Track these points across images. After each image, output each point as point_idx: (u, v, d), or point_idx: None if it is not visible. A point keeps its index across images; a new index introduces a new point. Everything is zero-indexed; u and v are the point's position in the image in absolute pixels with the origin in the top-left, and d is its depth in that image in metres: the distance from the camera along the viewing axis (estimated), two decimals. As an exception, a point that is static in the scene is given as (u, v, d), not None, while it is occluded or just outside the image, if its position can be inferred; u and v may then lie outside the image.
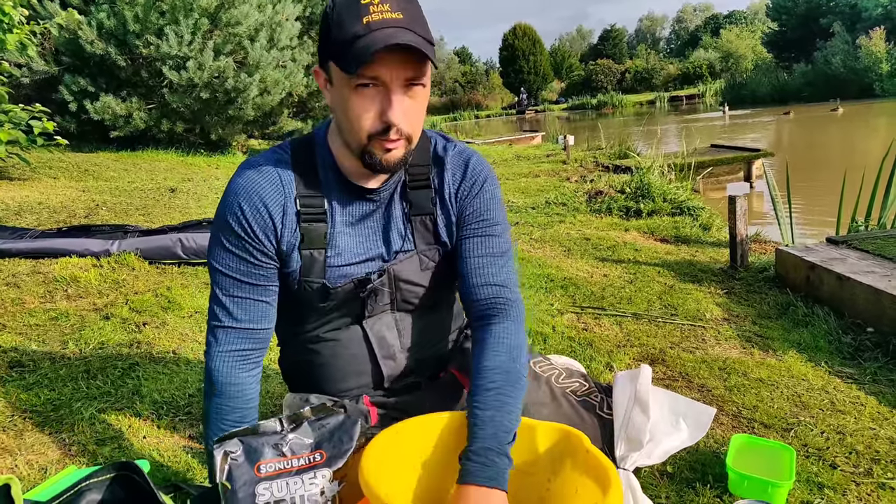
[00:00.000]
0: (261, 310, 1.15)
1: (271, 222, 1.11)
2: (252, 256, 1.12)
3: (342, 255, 1.16)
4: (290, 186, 1.12)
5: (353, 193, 1.15)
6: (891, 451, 1.49)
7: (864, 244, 2.61)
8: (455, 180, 1.20)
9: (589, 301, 2.62)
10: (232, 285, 1.13)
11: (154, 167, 6.20)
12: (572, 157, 7.35)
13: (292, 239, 1.13)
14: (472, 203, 1.20)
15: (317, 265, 1.14)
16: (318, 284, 1.15)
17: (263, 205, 1.10)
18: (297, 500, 0.96)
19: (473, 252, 1.18)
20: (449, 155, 1.21)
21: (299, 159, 1.14)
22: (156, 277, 2.92)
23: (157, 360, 2.08)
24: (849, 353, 2.03)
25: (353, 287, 1.16)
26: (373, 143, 1.03)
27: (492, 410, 1.00)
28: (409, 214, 1.19)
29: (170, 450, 1.57)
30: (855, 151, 9.69)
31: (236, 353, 1.15)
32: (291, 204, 1.12)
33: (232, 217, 1.10)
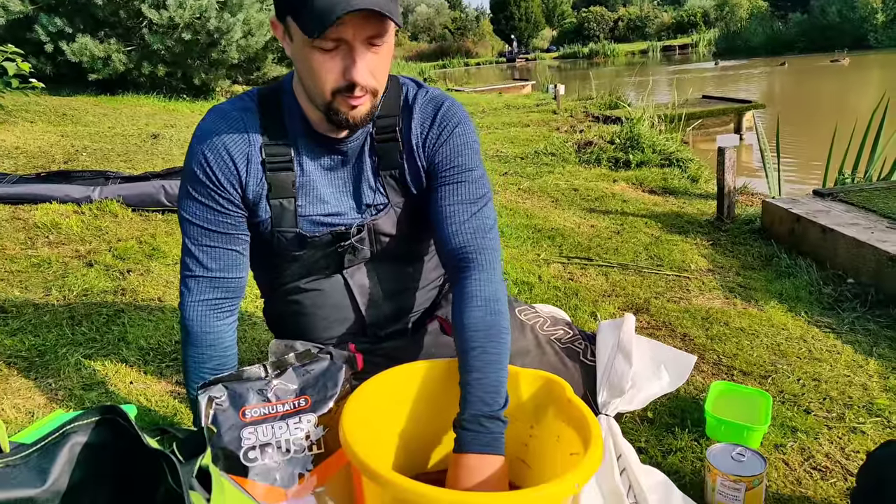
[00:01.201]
0: (231, 259, 1.14)
1: (235, 170, 1.09)
2: (218, 205, 1.10)
3: (314, 205, 1.14)
4: (255, 135, 1.10)
5: (322, 144, 1.13)
6: (863, 397, 1.53)
7: (850, 197, 2.62)
8: (423, 129, 1.16)
9: (576, 251, 2.63)
10: (201, 234, 1.12)
11: (135, 112, 6.05)
12: (562, 106, 7.27)
13: (258, 188, 1.11)
14: (442, 150, 1.15)
15: (287, 214, 1.13)
16: (293, 234, 1.14)
17: (227, 153, 1.08)
18: (282, 443, 0.97)
19: (444, 200, 1.14)
20: (418, 102, 1.16)
21: (266, 107, 1.12)
22: (139, 225, 2.89)
23: (143, 308, 2.07)
24: (828, 303, 2.06)
25: (331, 239, 1.15)
26: (337, 99, 1.00)
27: (476, 372, 0.98)
28: (378, 169, 1.16)
29: (157, 395, 1.58)
30: (847, 104, 9.65)
31: (209, 303, 1.15)
32: (256, 152, 1.10)
33: (196, 165, 1.09)
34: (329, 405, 1.02)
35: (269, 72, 8.77)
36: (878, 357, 1.71)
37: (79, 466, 0.74)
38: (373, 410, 1.03)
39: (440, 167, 1.15)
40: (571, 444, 0.98)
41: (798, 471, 1.29)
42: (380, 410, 1.05)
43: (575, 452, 0.96)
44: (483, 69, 30.39)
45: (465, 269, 1.10)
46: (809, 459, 1.32)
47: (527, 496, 0.82)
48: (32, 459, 0.75)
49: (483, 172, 1.18)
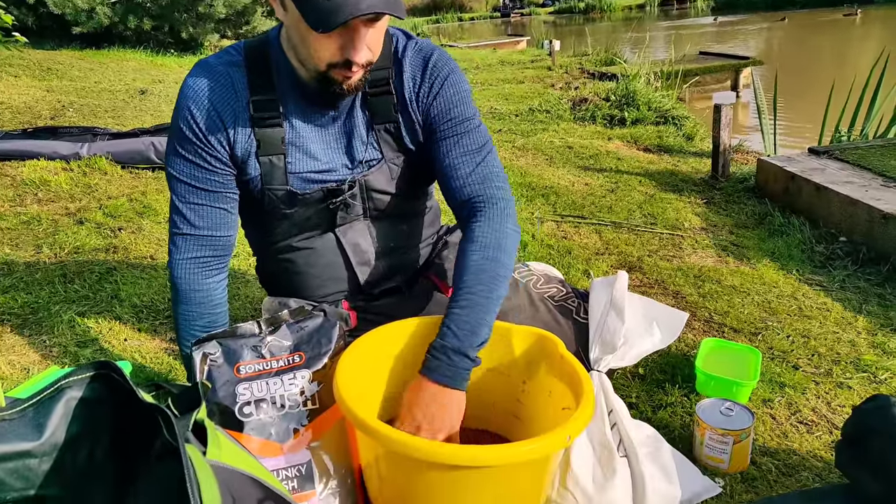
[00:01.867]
0: (219, 216, 1.13)
1: (222, 126, 1.07)
2: (205, 162, 1.09)
3: (304, 162, 1.13)
4: (242, 90, 1.08)
5: (310, 99, 1.10)
6: (851, 353, 1.55)
7: (846, 154, 2.61)
8: (415, 82, 1.14)
9: (570, 210, 2.62)
10: (188, 192, 1.11)
11: (122, 67, 5.92)
12: (558, 63, 7.15)
13: (247, 145, 1.09)
14: (437, 103, 1.13)
15: (277, 171, 1.11)
16: (283, 191, 1.12)
17: (214, 109, 1.06)
18: (276, 399, 0.98)
19: (448, 154, 1.13)
20: (407, 55, 1.14)
21: (253, 62, 1.09)
22: (129, 182, 2.85)
23: (135, 266, 2.06)
24: (820, 261, 2.07)
25: (322, 195, 1.14)
26: (332, 71, 0.99)
27: (458, 309, 0.98)
28: (371, 123, 1.15)
29: (151, 352, 1.59)
30: (848, 60, 9.53)
31: (198, 260, 1.14)
32: (244, 108, 1.08)
33: (183, 122, 1.07)
34: (323, 361, 1.03)
35: (258, 26, 8.56)
36: (867, 314, 1.73)
37: (75, 421, 0.75)
38: (367, 366, 1.04)
39: (437, 121, 1.14)
40: (563, 399, 0.99)
41: (785, 424, 1.31)
42: (374, 366, 1.06)
43: (567, 407, 0.97)
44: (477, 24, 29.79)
45: (472, 217, 1.09)
46: (796, 414, 1.35)
47: (519, 449, 0.83)
48: (28, 414, 0.75)
49: (480, 121, 1.18)
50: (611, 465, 1.06)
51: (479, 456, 0.81)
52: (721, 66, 7.33)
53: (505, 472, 0.85)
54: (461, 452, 0.81)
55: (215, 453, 0.66)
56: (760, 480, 1.17)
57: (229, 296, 1.87)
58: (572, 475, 1.04)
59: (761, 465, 1.20)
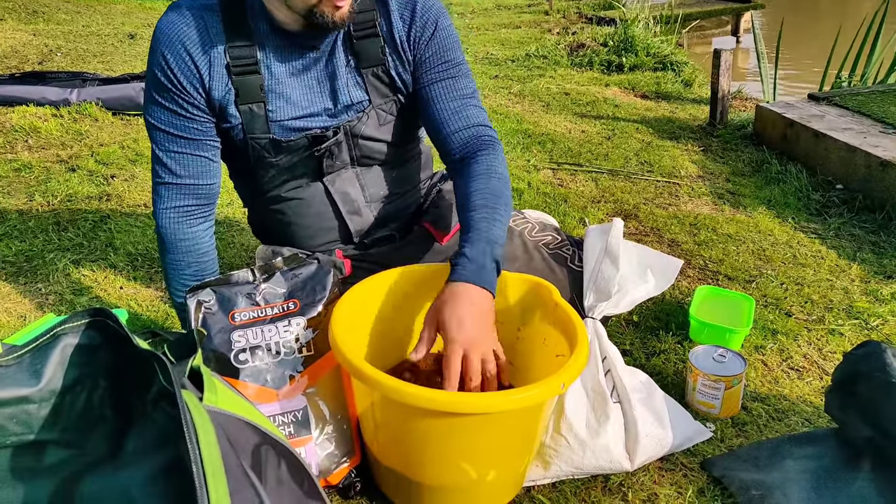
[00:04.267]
0: (200, 164, 1.12)
1: (197, 72, 1.04)
2: (182, 109, 1.06)
3: (285, 109, 1.10)
4: (217, 35, 1.04)
5: (289, 44, 1.07)
6: (844, 300, 1.56)
7: (846, 101, 2.57)
8: (404, 23, 1.11)
9: (566, 157, 2.60)
10: (167, 140, 1.09)
11: (110, 10, 5.74)
12: (555, 7, 6.95)
13: (225, 93, 1.07)
14: (430, 46, 1.12)
15: (258, 120, 1.09)
16: (266, 139, 1.10)
17: (188, 53, 1.03)
18: (272, 346, 0.99)
19: (445, 96, 1.13)
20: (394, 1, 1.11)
21: (228, 7, 1.05)
22: (121, 129, 2.80)
23: (129, 214, 2.05)
24: (816, 209, 2.07)
25: (307, 143, 1.12)
26: (323, 2, 0.96)
27: (485, 223, 1.00)
28: (358, 67, 1.12)
29: (147, 300, 1.59)
30: (849, 3, 9.30)
31: (181, 209, 1.14)
32: (220, 55, 1.05)
33: (157, 68, 1.04)
34: (318, 308, 1.03)
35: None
36: (861, 262, 1.74)
37: (72, 367, 0.75)
38: (361, 313, 1.04)
39: (430, 63, 1.13)
40: (558, 346, 1.00)
41: (776, 371, 1.33)
42: (368, 313, 1.07)
43: (561, 354, 0.98)
44: (474, -35, 28.88)
45: (479, 151, 1.11)
46: (787, 360, 1.37)
47: (513, 396, 0.84)
48: (25, 360, 0.75)
49: (468, 65, 1.18)
50: (604, 411, 1.08)
51: (473, 403, 0.82)
52: (722, 9, 7.14)
53: (499, 418, 0.86)
54: (455, 399, 0.82)
55: (212, 399, 0.67)
56: (751, 425, 1.19)
57: (224, 244, 1.87)
58: (566, 420, 1.05)
59: (752, 410, 1.23)
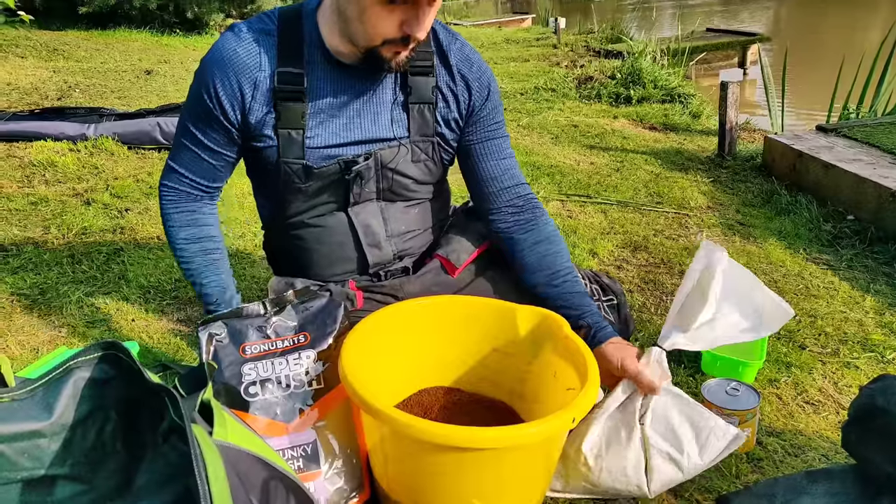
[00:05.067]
0: (207, 169, 1.19)
1: (240, 95, 1.09)
2: (213, 120, 1.12)
3: (323, 137, 1.13)
4: (269, 60, 1.08)
5: (339, 73, 1.11)
6: (858, 332, 1.55)
7: (854, 132, 2.58)
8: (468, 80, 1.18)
9: (575, 189, 2.61)
10: (189, 137, 1.15)
11: (127, 48, 5.89)
12: (563, 41, 7.06)
13: (264, 116, 1.10)
14: (485, 107, 1.21)
15: (295, 146, 1.11)
16: (299, 165, 1.13)
17: (235, 76, 1.08)
18: (282, 379, 0.99)
19: (496, 155, 1.23)
20: (454, 51, 1.18)
21: (286, 32, 1.09)
22: (135, 163, 2.85)
23: (142, 246, 2.07)
24: (827, 240, 2.06)
25: (338, 169, 1.14)
26: (385, 46, 1.01)
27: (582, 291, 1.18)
28: (406, 102, 1.15)
29: (158, 333, 1.60)
30: (856, 37, 9.37)
31: (180, 192, 1.20)
32: (267, 79, 1.08)
33: (203, 83, 1.10)
34: (328, 341, 1.03)
35: (263, 4, 8.49)
36: (875, 293, 1.72)
37: (83, 401, 0.76)
38: (372, 346, 1.04)
39: (483, 123, 1.22)
40: (568, 380, 0.99)
41: (791, 405, 1.31)
42: (379, 346, 1.07)
43: (571, 388, 0.97)
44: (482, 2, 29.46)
45: (534, 212, 1.24)
46: (803, 394, 1.35)
47: (523, 431, 0.83)
48: (38, 394, 0.76)
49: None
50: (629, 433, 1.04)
51: (483, 438, 0.81)
52: (728, 42, 7.21)
53: (510, 453, 0.85)
54: (466, 434, 0.82)
55: (221, 433, 0.67)
56: (767, 461, 1.17)
57: (235, 276, 1.88)
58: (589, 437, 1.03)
59: (767, 445, 1.21)
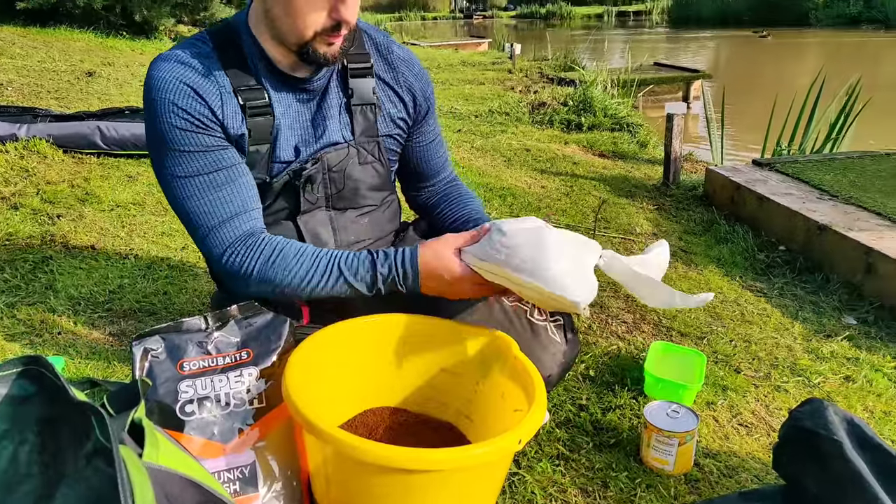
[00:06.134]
0: (246, 191, 1.05)
1: (210, 111, 1.02)
2: (213, 141, 1.02)
3: (283, 149, 1.11)
4: (222, 79, 1.04)
5: (287, 84, 1.09)
6: (788, 357, 1.60)
7: (786, 168, 2.70)
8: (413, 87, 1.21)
9: (525, 212, 2.64)
10: (203, 186, 1.02)
11: (68, 47, 5.67)
12: (518, 66, 7.20)
13: (240, 133, 1.06)
14: (429, 112, 1.26)
15: (261, 160, 1.09)
16: (261, 181, 1.10)
17: (197, 94, 1.01)
18: (221, 397, 0.95)
19: (436, 154, 1.32)
20: (395, 52, 1.19)
21: (225, 51, 1.05)
22: (71, 167, 2.73)
23: (74, 255, 1.97)
24: (761, 269, 2.14)
25: (288, 179, 1.12)
26: (317, 39, 0.99)
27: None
28: (349, 104, 1.15)
29: (88, 347, 1.52)
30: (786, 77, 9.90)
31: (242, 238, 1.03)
32: (231, 96, 1.04)
33: (168, 118, 0.99)
34: (272, 359, 1.00)
35: (216, 12, 8.33)
36: (803, 321, 1.80)
37: (0, 419, 0.70)
38: (317, 364, 1.01)
39: (427, 125, 1.27)
40: (516, 401, 0.99)
41: (726, 427, 1.35)
42: (324, 365, 1.04)
43: (519, 409, 0.97)
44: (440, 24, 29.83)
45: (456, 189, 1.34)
46: (737, 416, 1.38)
47: (470, 452, 0.82)
48: (-51, 411, 0.70)
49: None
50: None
51: (429, 459, 0.79)
52: (673, 77, 7.51)
53: (455, 474, 0.84)
54: (412, 456, 0.80)
55: (152, 455, 0.63)
56: (703, 482, 1.19)
57: (175, 289, 1.82)
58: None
59: (704, 466, 1.23)
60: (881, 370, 1.56)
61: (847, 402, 1.43)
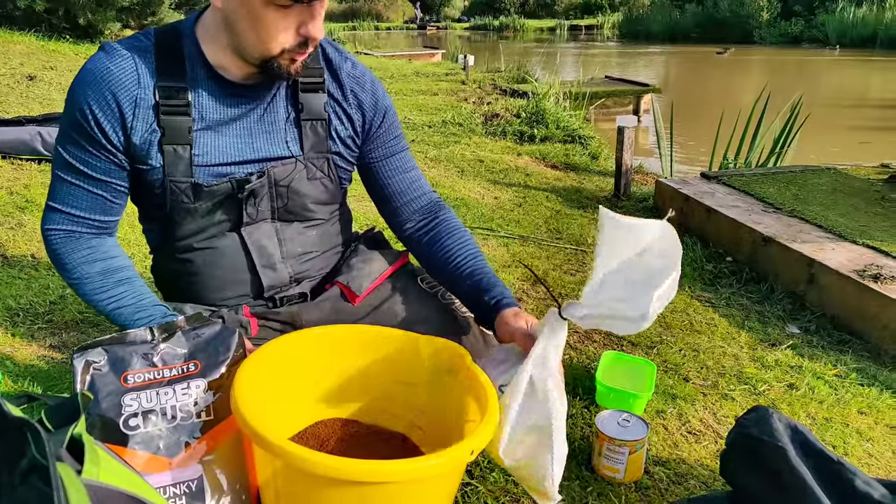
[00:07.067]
0: (95, 202, 1.10)
1: (119, 115, 1.03)
2: (94, 148, 1.05)
3: (212, 154, 1.09)
4: (147, 76, 1.04)
5: (226, 90, 1.08)
6: (735, 366, 1.65)
7: (732, 180, 2.80)
8: (362, 103, 1.19)
9: (479, 222, 2.65)
10: (69, 172, 1.07)
11: (7, 50, 5.46)
12: (471, 77, 7.27)
13: (148, 134, 1.05)
14: (382, 125, 1.23)
15: (182, 163, 1.07)
16: (186, 184, 1.08)
17: (112, 95, 1.02)
18: (167, 410, 0.92)
19: (400, 169, 1.27)
20: (344, 71, 1.18)
21: (164, 48, 1.05)
22: (10, 173, 2.63)
23: (13, 264, 1.89)
24: (709, 279, 2.20)
25: (230, 188, 1.10)
26: (284, 55, 1.00)
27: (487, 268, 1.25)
28: (298, 119, 1.14)
29: (27, 360, 1.45)
30: (733, 93, 10.28)
31: (71, 233, 1.11)
32: (149, 95, 1.04)
33: (78, 107, 1.03)
34: (220, 371, 0.97)
35: (165, 17, 8.17)
36: (749, 330, 1.85)
37: (-73, 437, 0.66)
38: (267, 376, 0.99)
39: (383, 139, 1.24)
40: (468, 412, 0.99)
41: (675, 435, 1.38)
42: (275, 376, 1.02)
43: (471, 420, 0.97)
44: (393, 34, 29.91)
45: (439, 211, 1.31)
46: (686, 424, 1.41)
47: (422, 464, 0.82)
48: None
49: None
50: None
51: (380, 471, 0.79)
52: (624, 90, 7.70)
53: (407, 486, 0.83)
54: (363, 468, 0.79)
55: (92, 472, 0.61)
56: (653, 489, 1.21)
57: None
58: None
59: (654, 474, 1.25)
60: (822, 377, 1.61)
61: (791, 409, 1.48)
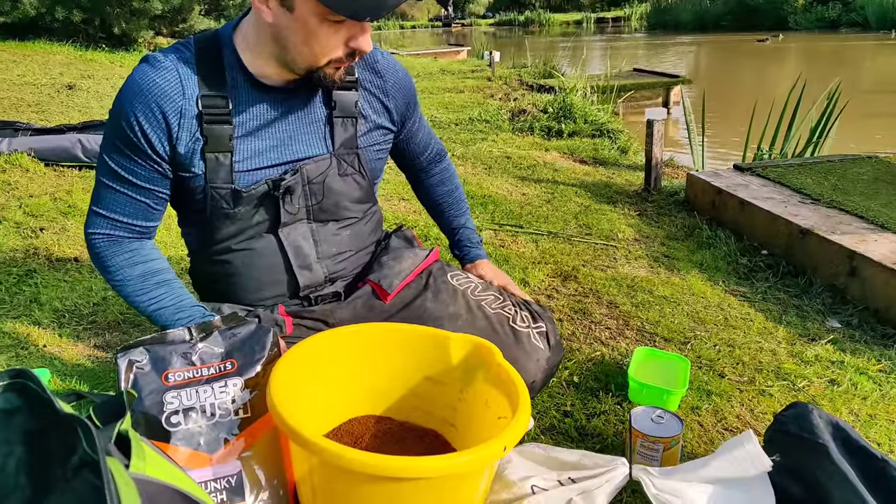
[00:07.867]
0: (137, 208, 1.14)
1: (166, 127, 1.06)
2: (139, 157, 1.08)
3: (251, 159, 1.12)
4: (191, 86, 1.07)
5: (265, 95, 1.11)
6: (772, 361, 1.63)
7: (767, 172, 2.75)
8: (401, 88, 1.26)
9: (507, 219, 2.65)
10: (113, 178, 1.11)
11: (48, 61, 5.63)
12: (497, 74, 7.25)
13: (192, 143, 1.09)
14: (415, 110, 1.35)
15: (223, 169, 1.10)
16: (227, 190, 1.11)
17: (159, 107, 1.05)
18: (206, 407, 0.95)
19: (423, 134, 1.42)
20: (380, 61, 1.23)
21: (204, 58, 1.09)
22: (53, 180, 2.71)
23: (58, 268, 1.96)
24: (744, 273, 2.17)
25: (266, 189, 1.13)
26: (330, 65, 1.04)
27: (464, 218, 1.53)
28: (331, 116, 1.17)
29: (73, 359, 1.51)
30: (766, 82, 10.05)
31: (113, 237, 1.15)
32: (192, 105, 1.07)
33: (125, 118, 1.06)
34: (256, 369, 1.00)
35: (195, 24, 8.33)
36: (787, 324, 1.82)
37: (-15, 433, 0.70)
38: (302, 374, 1.02)
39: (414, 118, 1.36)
40: (500, 409, 1.00)
41: (711, 431, 1.36)
42: (308, 374, 1.04)
43: (503, 416, 0.98)
44: (418, 33, 29.95)
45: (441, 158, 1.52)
46: (722, 421, 1.40)
47: (455, 460, 0.83)
48: (-67, 427, 0.69)
49: None
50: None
51: (415, 467, 0.80)
52: (653, 83, 7.59)
53: (441, 482, 0.85)
54: (397, 464, 0.81)
55: (139, 466, 0.63)
56: (687, 484, 1.20)
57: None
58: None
59: (688, 469, 1.24)
60: (866, 373, 1.57)
61: (832, 405, 1.45)
